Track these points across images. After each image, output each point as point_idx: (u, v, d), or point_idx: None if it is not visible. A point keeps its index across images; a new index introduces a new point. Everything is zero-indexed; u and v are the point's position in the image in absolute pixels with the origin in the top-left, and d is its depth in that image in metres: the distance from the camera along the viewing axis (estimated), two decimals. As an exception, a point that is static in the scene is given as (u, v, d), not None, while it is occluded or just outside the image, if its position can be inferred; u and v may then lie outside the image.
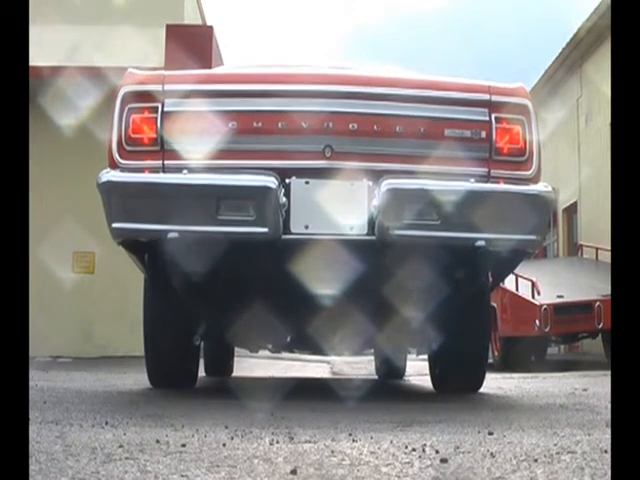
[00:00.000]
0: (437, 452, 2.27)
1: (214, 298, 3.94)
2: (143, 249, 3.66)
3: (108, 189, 3.39)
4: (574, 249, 14.13)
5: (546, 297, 9.51)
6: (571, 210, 15.26)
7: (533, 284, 9.56)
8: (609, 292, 8.49)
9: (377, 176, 3.39)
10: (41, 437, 2.51)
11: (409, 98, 3.51)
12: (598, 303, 9.17)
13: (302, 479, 1.94)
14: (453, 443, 2.46)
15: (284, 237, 3.32)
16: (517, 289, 10.02)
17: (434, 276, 3.55)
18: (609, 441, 2.26)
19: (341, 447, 2.38)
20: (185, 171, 3.35)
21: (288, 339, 4.55)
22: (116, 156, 3.46)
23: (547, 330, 9.37)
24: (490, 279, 4.18)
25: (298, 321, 4.00)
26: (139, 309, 4.36)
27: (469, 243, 3.37)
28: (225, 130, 3.40)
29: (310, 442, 2.50)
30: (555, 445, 2.41)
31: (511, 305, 10.33)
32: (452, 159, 3.47)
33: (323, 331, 4.09)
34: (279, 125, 3.43)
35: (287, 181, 3.38)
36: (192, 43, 10.91)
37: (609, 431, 2.50)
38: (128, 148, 3.43)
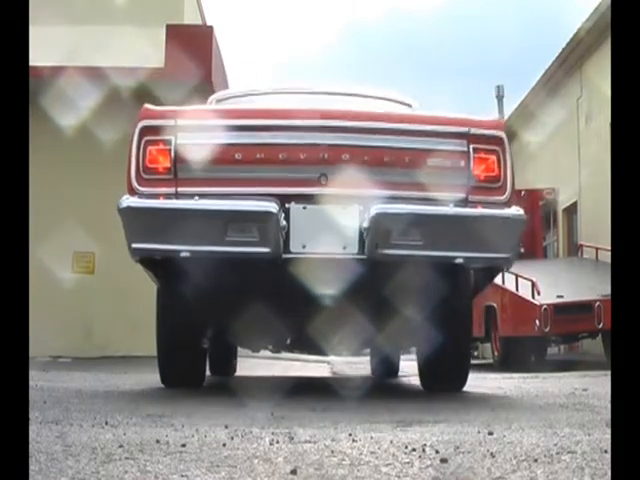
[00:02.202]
0: (437, 452, 2.27)
1: (220, 308, 4.34)
2: (158, 266, 4.03)
3: (128, 214, 3.71)
4: (574, 249, 14.12)
5: (546, 297, 9.51)
6: (571, 210, 15.25)
7: (533, 284, 9.55)
8: (609, 292, 8.48)
9: (367, 201, 3.73)
10: (41, 437, 2.51)
11: (396, 131, 3.88)
12: (598, 303, 9.17)
13: (302, 479, 1.94)
14: (453, 443, 2.46)
15: (284, 256, 3.70)
16: (517, 289, 10.02)
17: (419, 288, 3.95)
18: (609, 441, 2.26)
19: (341, 447, 2.38)
20: (196, 197, 3.71)
21: (288, 341, 5.10)
22: (134, 184, 3.81)
23: (547, 330, 9.36)
24: (471, 290, 4.53)
25: (296, 326, 4.44)
26: (139, 309, 4.44)
27: (449, 261, 3.76)
28: (231, 160, 3.80)
29: (310, 442, 2.50)
30: (555, 445, 2.41)
31: (511, 305, 10.33)
32: (434, 185, 3.80)
33: (318, 335, 4.53)
34: (280, 156, 3.82)
35: (287, 206, 3.75)
36: (192, 43, 10.91)
37: (609, 431, 2.51)
38: (145, 176, 3.80)
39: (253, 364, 10.44)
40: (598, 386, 5.39)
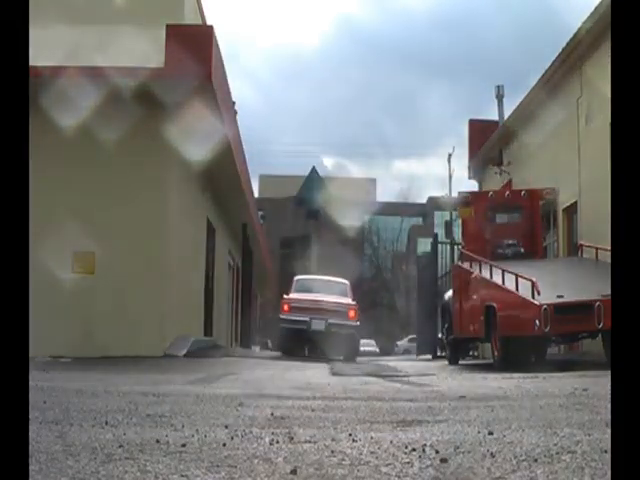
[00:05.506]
0: (437, 452, 2.27)
1: (293, 339, 16.24)
2: (284, 328, 16.27)
3: (282, 319, 16.27)
4: (574, 249, 14.12)
5: (546, 297, 9.48)
6: (571, 210, 15.25)
7: (533, 284, 9.53)
8: (609, 292, 8.46)
9: (328, 320, 15.80)
10: (41, 437, 2.52)
11: (332, 310, 16.15)
12: (598, 303, 9.14)
13: (302, 479, 1.94)
14: (453, 443, 2.46)
15: (310, 329, 15.77)
16: (517, 289, 10.00)
17: (341, 336, 15.61)
18: (609, 441, 2.26)
19: (341, 447, 2.38)
20: (294, 315, 16.00)
21: (317, 350, 16.58)
22: (282, 311, 16.34)
23: (547, 330, 9.33)
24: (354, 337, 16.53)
25: (315, 345, 16.39)
26: (139, 309, 4.44)
27: (346, 332, 15.83)
28: (300, 309, 15.99)
29: (310, 442, 2.50)
30: (555, 445, 2.41)
31: (511, 305, 10.31)
32: (341, 317, 15.95)
33: (319, 348, 16.19)
34: (310, 309, 15.97)
35: (311, 319, 15.78)
36: (192, 43, 10.91)
37: (609, 431, 2.51)
38: (285, 309, 16.17)
39: (252, 364, 10.44)
40: (598, 386, 5.38)
